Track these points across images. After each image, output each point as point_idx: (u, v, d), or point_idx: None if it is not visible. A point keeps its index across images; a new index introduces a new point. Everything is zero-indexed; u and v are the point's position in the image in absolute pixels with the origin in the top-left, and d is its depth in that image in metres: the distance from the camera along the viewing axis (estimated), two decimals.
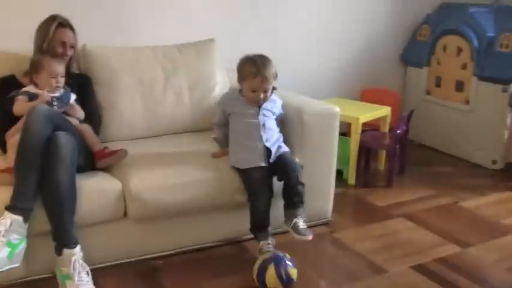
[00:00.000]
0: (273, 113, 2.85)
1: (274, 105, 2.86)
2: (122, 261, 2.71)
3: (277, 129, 2.86)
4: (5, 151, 2.78)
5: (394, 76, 4.88)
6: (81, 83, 3.02)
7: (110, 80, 3.20)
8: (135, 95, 3.25)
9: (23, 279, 2.55)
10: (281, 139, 2.85)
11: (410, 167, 4.14)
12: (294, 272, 2.51)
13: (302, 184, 2.68)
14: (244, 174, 2.72)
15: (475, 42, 4.22)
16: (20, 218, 2.32)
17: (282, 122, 2.97)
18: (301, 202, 2.68)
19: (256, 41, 4.07)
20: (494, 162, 4.22)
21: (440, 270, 2.75)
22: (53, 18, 2.89)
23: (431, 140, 4.68)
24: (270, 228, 2.69)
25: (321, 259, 2.95)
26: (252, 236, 2.74)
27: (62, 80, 2.78)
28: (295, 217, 2.64)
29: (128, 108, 3.22)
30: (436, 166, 4.32)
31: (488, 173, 4.17)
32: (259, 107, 2.78)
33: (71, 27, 2.95)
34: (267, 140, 2.74)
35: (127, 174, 2.68)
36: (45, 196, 2.42)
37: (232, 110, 2.82)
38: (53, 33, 2.87)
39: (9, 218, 2.31)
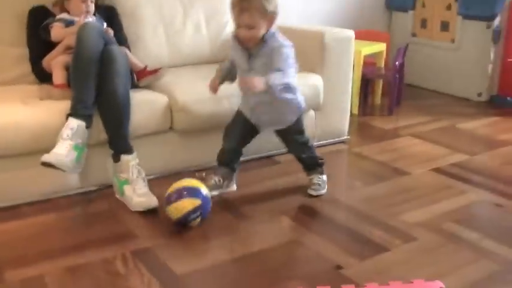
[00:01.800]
0: (269, 68, 2.36)
1: (270, 56, 2.37)
2: (169, 172, 2.86)
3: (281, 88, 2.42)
4: (41, 80, 2.88)
5: (380, 21, 5.14)
6: (108, 15, 3.10)
7: (133, 12, 3.30)
8: (158, 27, 3.39)
9: (79, 190, 2.67)
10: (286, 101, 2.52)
11: (404, 101, 4.42)
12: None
13: (309, 152, 2.68)
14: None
15: None
16: (83, 123, 2.45)
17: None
18: (313, 166, 2.71)
19: None
20: (479, 94, 4.55)
21: (456, 171, 3.03)
22: None
23: (419, 80, 4.97)
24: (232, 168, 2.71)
25: (349, 167, 3.22)
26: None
27: (91, 6, 2.87)
28: (309, 177, 2.71)
29: (151, 39, 3.34)
30: (427, 100, 4.62)
31: (475, 104, 4.50)
32: (250, 57, 2.42)
33: None
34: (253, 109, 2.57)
35: (170, 90, 2.83)
36: (103, 105, 2.56)
37: (233, 57, 2.55)
38: None
39: (74, 122, 2.43)
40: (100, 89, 2.54)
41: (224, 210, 2.52)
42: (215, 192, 2.62)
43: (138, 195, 2.49)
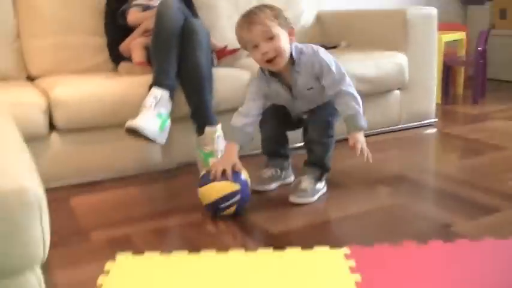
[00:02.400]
0: (318, 88, 2.14)
1: (310, 74, 2.11)
2: (255, 148, 2.72)
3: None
4: (117, 63, 2.86)
5: (456, 15, 4.95)
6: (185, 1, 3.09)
7: (208, 3, 3.29)
8: (233, 16, 3.32)
9: (161, 167, 2.59)
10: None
11: (488, 93, 4.17)
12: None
13: (325, 147, 2.18)
14: None
15: None
16: (167, 93, 2.38)
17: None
18: (314, 165, 2.20)
19: None
20: None
21: None
22: None
23: (503, 73, 4.72)
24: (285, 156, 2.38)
25: (441, 144, 3.06)
26: None
27: None
28: (301, 177, 2.21)
29: (227, 27, 3.29)
30: None
31: None
32: (290, 88, 2.15)
33: None
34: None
35: (251, 66, 2.72)
36: (185, 77, 2.49)
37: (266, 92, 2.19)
38: None
39: (158, 92, 2.36)
40: (182, 61, 2.48)
41: None
42: (275, 185, 2.32)
43: None
